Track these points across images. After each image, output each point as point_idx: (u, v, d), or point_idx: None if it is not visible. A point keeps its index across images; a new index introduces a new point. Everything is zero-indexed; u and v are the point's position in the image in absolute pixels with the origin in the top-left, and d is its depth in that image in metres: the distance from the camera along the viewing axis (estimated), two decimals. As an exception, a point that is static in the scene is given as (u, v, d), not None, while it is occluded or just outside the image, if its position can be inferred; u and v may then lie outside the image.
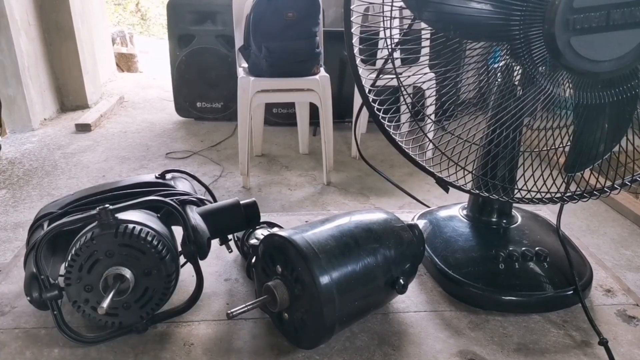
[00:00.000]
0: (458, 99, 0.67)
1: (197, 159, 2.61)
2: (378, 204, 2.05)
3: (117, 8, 6.92)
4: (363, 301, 0.56)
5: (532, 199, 0.65)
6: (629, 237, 1.87)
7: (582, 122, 0.59)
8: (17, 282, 0.68)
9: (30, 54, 3.05)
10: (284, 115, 3.01)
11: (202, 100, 3.14)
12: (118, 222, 0.54)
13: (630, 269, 1.68)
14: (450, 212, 0.79)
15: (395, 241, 0.58)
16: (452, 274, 0.66)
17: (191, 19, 2.99)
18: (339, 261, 0.53)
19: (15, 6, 2.88)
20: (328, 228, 0.56)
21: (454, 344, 0.57)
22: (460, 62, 0.62)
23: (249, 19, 2.13)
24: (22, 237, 1.81)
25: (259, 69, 2.14)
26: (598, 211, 2.05)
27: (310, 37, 2.15)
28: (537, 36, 0.52)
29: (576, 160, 0.60)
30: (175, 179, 0.73)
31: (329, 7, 3.05)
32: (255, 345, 0.57)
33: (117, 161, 2.57)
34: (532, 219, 0.76)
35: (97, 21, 4.00)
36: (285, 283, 0.53)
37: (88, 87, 3.51)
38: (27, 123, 3.01)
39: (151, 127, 3.15)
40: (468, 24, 0.56)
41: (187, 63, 3.04)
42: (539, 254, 0.65)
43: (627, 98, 0.55)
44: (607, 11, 0.50)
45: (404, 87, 0.63)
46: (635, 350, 0.57)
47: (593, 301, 0.66)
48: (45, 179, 2.35)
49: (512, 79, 0.60)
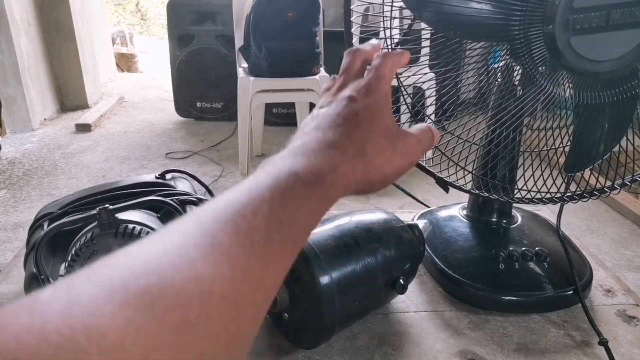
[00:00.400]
0: (458, 99, 0.67)
1: (197, 159, 2.61)
2: (378, 204, 2.05)
3: (117, 8, 6.92)
4: (363, 301, 0.56)
5: (532, 199, 0.65)
6: (629, 237, 1.87)
7: (582, 122, 0.59)
8: (17, 282, 0.68)
9: (30, 54, 3.05)
10: (284, 115, 3.01)
11: (202, 100, 3.14)
12: (118, 222, 0.55)
13: (630, 269, 1.68)
14: (450, 212, 0.79)
15: (395, 241, 0.58)
16: (452, 274, 0.66)
17: (191, 19, 2.99)
18: (339, 261, 0.53)
19: (15, 6, 2.88)
20: (328, 228, 0.56)
21: (454, 344, 0.58)
22: (460, 62, 0.62)
23: (249, 19, 2.13)
24: (22, 237, 1.82)
25: (259, 69, 2.14)
26: (598, 211, 2.05)
27: (310, 37, 2.15)
28: (537, 36, 0.52)
29: (576, 160, 0.60)
30: (175, 179, 0.73)
31: (329, 7, 3.05)
32: (255, 345, 0.57)
33: (117, 161, 2.58)
34: (532, 219, 0.76)
35: (97, 21, 4.01)
36: (285, 283, 0.53)
37: (88, 87, 3.51)
38: (27, 123, 3.01)
39: (151, 127, 3.15)
40: (468, 24, 0.56)
41: (187, 63, 3.04)
42: (539, 254, 0.65)
43: (627, 98, 0.55)
44: (607, 11, 0.50)
45: (404, 87, 0.63)
46: (635, 350, 0.57)
47: (593, 301, 0.66)
48: (45, 179, 2.36)
49: (512, 79, 0.60)
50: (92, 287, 0.19)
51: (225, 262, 0.23)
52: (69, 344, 0.16)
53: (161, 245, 0.22)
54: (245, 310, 0.23)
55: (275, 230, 0.26)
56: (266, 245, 0.25)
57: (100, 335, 0.17)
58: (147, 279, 0.20)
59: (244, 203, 0.26)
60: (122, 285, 0.19)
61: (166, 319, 0.19)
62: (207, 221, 0.24)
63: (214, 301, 0.21)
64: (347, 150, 0.32)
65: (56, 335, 0.16)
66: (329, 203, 0.30)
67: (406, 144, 0.37)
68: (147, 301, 0.19)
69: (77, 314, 0.17)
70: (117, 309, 0.18)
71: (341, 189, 0.31)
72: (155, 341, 0.19)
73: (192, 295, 0.20)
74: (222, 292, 0.22)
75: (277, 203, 0.26)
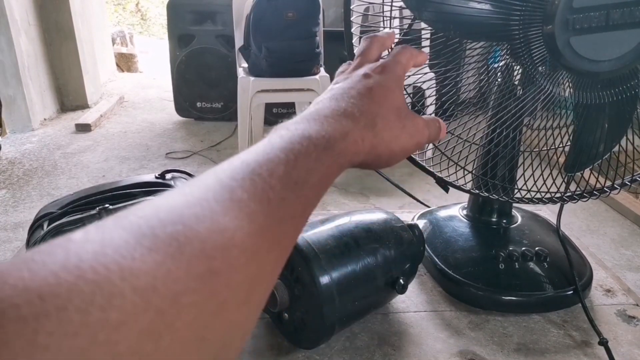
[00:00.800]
0: (458, 99, 0.67)
1: (197, 159, 2.61)
2: (378, 204, 2.05)
3: (117, 8, 6.92)
4: (363, 301, 0.56)
5: (532, 199, 0.65)
6: (629, 237, 1.87)
7: (582, 122, 0.59)
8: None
9: (30, 54, 3.05)
10: (284, 115, 3.01)
11: (202, 100, 3.14)
12: (118, 222, 0.54)
13: (630, 269, 1.68)
14: (450, 212, 0.79)
15: (395, 241, 0.58)
16: (452, 274, 0.66)
17: (191, 19, 2.99)
18: (339, 261, 0.53)
19: (15, 6, 2.88)
20: (328, 228, 0.56)
21: (454, 344, 0.57)
22: (460, 62, 0.62)
23: (249, 19, 2.13)
24: (22, 237, 1.82)
25: (259, 69, 2.14)
26: (598, 211, 2.05)
27: (310, 37, 2.15)
28: (536, 36, 0.52)
29: (576, 160, 0.60)
30: (175, 179, 0.73)
31: (329, 7, 3.06)
32: (255, 345, 0.57)
33: (117, 161, 2.58)
34: (532, 219, 0.76)
35: (97, 21, 4.01)
36: (285, 283, 0.53)
37: (88, 87, 3.51)
38: (27, 123, 3.01)
39: (151, 127, 3.15)
40: (468, 23, 0.56)
41: (187, 63, 3.04)
42: (539, 254, 0.65)
43: (627, 98, 0.55)
44: (607, 11, 0.50)
45: (403, 87, 0.63)
46: (635, 350, 0.57)
47: (593, 301, 0.66)
48: (45, 179, 2.35)
49: (512, 79, 0.60)
50: (123, 231, 0.20)
51: (245, 217, 0.24)
52: (104, 283, 0.17)
53: (184, 198, 0.23)
54: (264, 264, 0.24)
55: (290, 189, 0.27)
56: (281, 204, 0.26)
57: (132, 276, 0.18)
58: (173, 227, 0.21)
59: (260, 163, 0.27)
60: (151, 231, 0.20)
61: (192, 265, 0.20)
62: (226, 178, 0.25)
63: (235, 252, 0.22)
64: (359, 120, 0.33)
65: (92, 273, 0.17)
66: (338, 169, 0.31)
67: (414, 124, 0.39)
68: (174, 247, 0.20)
69: (110, 254, 0.18)
70: (147, 252, 0.19)
71: (350, 157, 0.32)
72: (184, 285, 0.19)
73: (215, 245, 0.21)
74: (242, 244, 0.23)
75: (292, 164, 0.27)
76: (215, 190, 0.24)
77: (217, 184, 0.25)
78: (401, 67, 0.39)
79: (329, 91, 0.36)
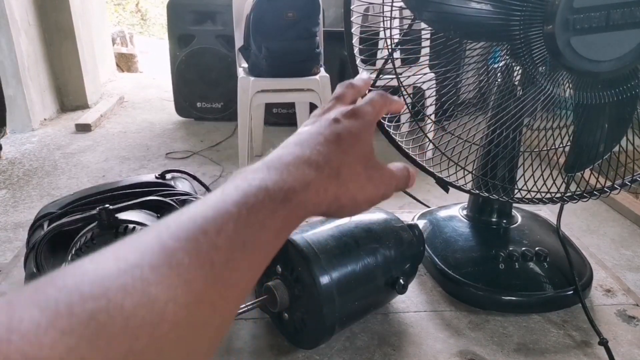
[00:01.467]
0: (458, 99, 0.67)
1: (197, 159, 2.61)
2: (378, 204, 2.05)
3: (117, 8, 6.92)
4: (363, 301, 0.56)
5: (532, 199, 0.65)
6: (629, 237, 1.87)
7: (582, 122, 0.59)
8: (17, 282, 0.68)
9: (30, 54, 3.05)
10: (284, 115, 3.01)
11: (202, 100, 3.14)
12: (118, 222, 0.54)
13: (630, 269, 1.68)
14: (450, 212, 0.79)
15: (395, 241, 0.58)
16: (452, 274, 0.66)
17: (191, 19, 2.98)
18: (339, 261, 0.53)
19: (15, 6, 2.88)
20: (328, 228, 0.56)
21: (454, 344, 0.58)
22: (460, 62, 0.62)
23: (249, 19, 2.13)
24: (22, 237, 1.82)
25: (259, 69, 2.14)
26: (598, 211, 2.05)
27: (310, 37, 2.15)
28: (537, 36, 0.52)
29: (576, 160, 0.60)
30: (175, 179, 0.73)
31: (329, 7, 3.05)
32: (255, 345, 0.57)
33: (117, 161, 2.58)
34: (532, 219, 0.76)
35: (97, 21, 4.00)
36: (285, 283, 0.53)
37: (88, 87, 3.51)
38: (27, 123, 3.01)
39: (151, 127, 3.15)
40: (468, 24, 0.56)
41: (187, 63, 3.04)
42: (539, 254, 0.65)
43: (627, 98, 0.55)
44: (607, 11, 0.50)
45: (404, 87, 0.63)
46: (635, 350, 0.57)
47: (593, 301, 0.66)
48: (45, 179, 2.35)
49: (512, 79, 0.60)
50: (35, 310, 0.18)
51: (182, 285, 0.22)
52: None
53: (115, 264, 0.21)
54: (200, 336, 0.23)
55: (237, 250, 0.25)
56: (226, 267, 0.24)
57: None
58: (95, 302, 0.19)
59: (209, 219, 0.25)
60: (68, 309, 0.18)
61: (112, 348, 0.18)
62: (168, 238, 0.23)
63: (165, 328, 0.20)
64: (322, 169, 0.32)
65: None
66: (297, 220, 0.30)
67: (381, 174, 0.37)
68: (92, 328, 0.18)
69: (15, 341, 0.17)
70: (59, 337, 0.17)
71: (311, 208, 0.31)
72: None
73: (141, 322, 0.20)
74: (174, 318, 0.21)
75: (243, 221, 0.26)
76: (153, 253, 0.22)
77: (157, 245, 0.23)
78: (373, 114, 0.37)
79: (296, 135, 0.35)
